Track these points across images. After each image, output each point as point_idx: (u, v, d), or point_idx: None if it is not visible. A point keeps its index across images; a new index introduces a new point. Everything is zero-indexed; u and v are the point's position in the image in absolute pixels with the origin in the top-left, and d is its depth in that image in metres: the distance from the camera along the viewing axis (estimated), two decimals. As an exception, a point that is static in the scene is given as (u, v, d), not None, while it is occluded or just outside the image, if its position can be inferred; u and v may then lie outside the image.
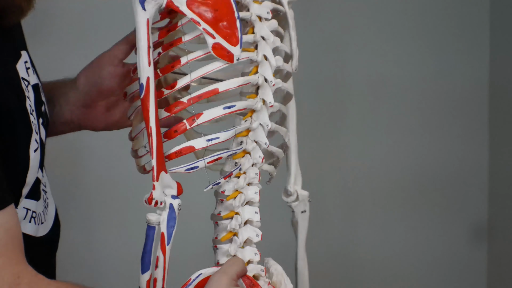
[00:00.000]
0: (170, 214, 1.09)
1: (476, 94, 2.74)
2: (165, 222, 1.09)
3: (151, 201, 1.08)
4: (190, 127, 1.08)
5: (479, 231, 2.73)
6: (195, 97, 1.08)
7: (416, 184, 2.73)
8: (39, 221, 1.23)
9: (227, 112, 1.10)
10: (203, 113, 1.08)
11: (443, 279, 2.75)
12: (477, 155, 2.74)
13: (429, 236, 2.74)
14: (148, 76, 1.02)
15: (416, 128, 2.73)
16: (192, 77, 1.07)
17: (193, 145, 1.09)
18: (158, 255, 1.10)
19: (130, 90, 1.14)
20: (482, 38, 2.73)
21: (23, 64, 1.20)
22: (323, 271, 2.71)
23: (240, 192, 1.14)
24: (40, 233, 1.24)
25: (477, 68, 2.74)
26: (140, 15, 1.02)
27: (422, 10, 2.71)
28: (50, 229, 1.27)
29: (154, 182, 1.08)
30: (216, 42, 1.06)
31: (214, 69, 1.08)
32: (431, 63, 2.72)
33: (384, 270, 2.76)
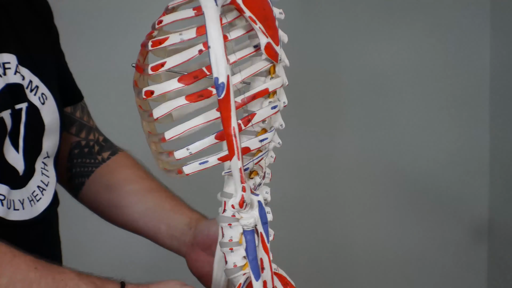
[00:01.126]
0: (261, 212, 1.07)
1: (476, 93, 2.74)
2: (259, 221, 1.07)
3: (243, 204, 1.05)
4: (245, 127, 1.05)
5: (479, 231, 2.73)
6: (249, 97, 1.05)
7: (416, 184, 2.73)
8: (10, 205, 1.30)
9: (274, 112, 1.08)
10: (256, 113, 1.06)
11: (443, 279, 2.75)
12: (477, 155, 2.74)
13: (429, 236, 2.74)
14: (228, 74, 1.00)
15: (416, 127, 2.72)
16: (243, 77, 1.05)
17: (249, 146, 1.07)
18: (262, 256, 1.07)
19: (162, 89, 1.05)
20: (482, 37, 2.72)
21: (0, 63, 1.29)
22: (321, 270, 2.70)
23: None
24: (12, 218, 1.30)
25: (477, 67, 2.73)
26: (213, 11, 0.99)
27: (422, 6, 2.71)
28: (31, 219, 1.34)
29: (244, 184, 1.05)
30: (268, 42, 1.04)
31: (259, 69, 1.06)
32: (431, 61, 2.72)
33: (384, 270, 2.75)
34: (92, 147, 1.54)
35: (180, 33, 1.03)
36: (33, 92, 1.35)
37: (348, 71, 2.68)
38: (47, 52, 1.43)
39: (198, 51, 1.03)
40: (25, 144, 1.33)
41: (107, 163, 1.53)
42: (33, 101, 1.35)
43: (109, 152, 1.54)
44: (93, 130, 1.55)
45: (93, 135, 1.54)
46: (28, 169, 1.35)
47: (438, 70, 2.73)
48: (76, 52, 2.31)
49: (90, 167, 1.53)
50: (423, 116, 2.73)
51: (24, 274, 1.11)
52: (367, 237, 2.70)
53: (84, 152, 1.53)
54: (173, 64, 1.02)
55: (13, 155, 1.32)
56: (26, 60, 1.34)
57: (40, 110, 1.36)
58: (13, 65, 1.31)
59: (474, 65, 2.73)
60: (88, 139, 1.54)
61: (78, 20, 2.42)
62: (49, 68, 1.42)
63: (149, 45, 1.03)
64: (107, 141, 1.56)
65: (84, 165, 1.53)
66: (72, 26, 2.32)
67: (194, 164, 1.05)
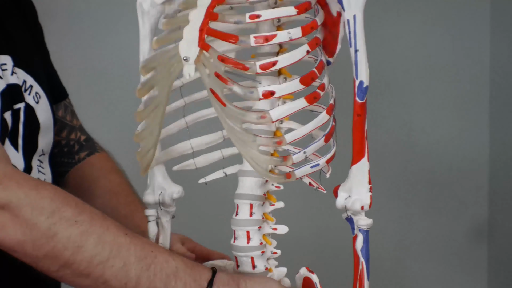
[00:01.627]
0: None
1: (476, 93, 2.75)
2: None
3: (371, 205, 1.06)
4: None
5: (479, 231, 2.74)
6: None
7: (416, 183, 2.73)
8: None
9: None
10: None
11: (443, 278, 2.76)
12: (477, 154, 2.75)
13: (429, 235, 2.74)
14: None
15: (415, 127, 2.72)
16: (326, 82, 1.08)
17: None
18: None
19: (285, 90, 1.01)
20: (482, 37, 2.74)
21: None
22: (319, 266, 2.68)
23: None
24: None
25: (477, 66, 2.74)
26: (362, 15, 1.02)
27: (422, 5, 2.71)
28: None
29: (371, 185, 1.06)
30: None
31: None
32: (431, 61, 2.72)
33: (384, 270, 2.75)
34: (72, 146, 1.54)
35: (289, 32, 1.00)
36: (27, 91, 1.36)
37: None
38: (35, 51, 1.44)
39: (306, 51, 1.02)
40: (24, 144, 1.34)
41: (81, 163, 1.53)
42: (28, 101, 1.36)
43: (86, 152, 1.54)
44: (76, 129, 1.55)
45: (75, 135, 1.54)
46: (27, 169, 1.35)
47: (438, 70, 2.73)
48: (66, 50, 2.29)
49: (66, 166, 1.53)
50: (422, 116, 2.73)
51: (113, 236, 1.06)
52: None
53: (63, 151, 1.53)
54: (284, 64, 1.00)
55: (13, 154, 1.31)
56: (19, 60, 1.35)
57: (35, 109, 1.37)
58: (9, 66, 1.32)
59: (474, 65, 2.74)
60: (69, 139, 1.54)
61: (69, 19, 2.38)
62: (39, 67, 1.43)
63: (253, 41, 0.99)
64: (88, 141, 1.56)
65: (61, 164, 1.52)
66: (62, 25, 2.29)
67: (306, 168, 1.05)
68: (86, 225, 1.05)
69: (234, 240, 1.11)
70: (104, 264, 1.05)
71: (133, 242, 1.07)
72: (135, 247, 1.07)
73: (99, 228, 1.06)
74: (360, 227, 1.07)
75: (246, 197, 1.10)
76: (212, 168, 1.18)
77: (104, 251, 1.05)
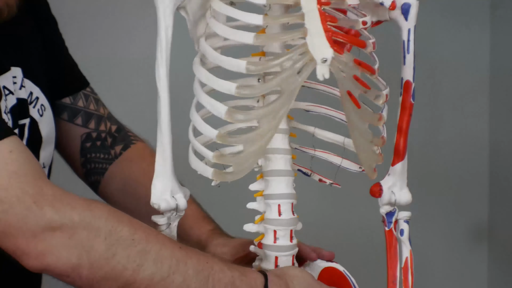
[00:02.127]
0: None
1: (476, 93, 2.74)
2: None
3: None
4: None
5: (479, 231, 2.74)
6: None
7: (416, 184, 2.71)
8: None
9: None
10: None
11: (443, 279, 2.75)
12: (477, 155, 2.75)
13: (429, 236, 2.74)
14: None
15: (415, 127, 2.71)
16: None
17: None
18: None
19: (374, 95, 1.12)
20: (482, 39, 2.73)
21: (10, 77, 1.25)
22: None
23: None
24: None
25: (477, 65, 2.74)
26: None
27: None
28: None
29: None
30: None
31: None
32: (431, 59, 2.72)
33: (384, 270, 2.74)
34: (105, 139, 1.48)
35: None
36: (32, 104, 1.32)
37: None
38: (39, 50, 1.39)
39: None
40: None
41: (119, 159, 1.47)
42: (32, 115, 1.32)
43: (121, 145, 1.49)
44: (104, 119, 1.49)
45: (104, 125, 1.49)
46: None
47: (438, 69, 2.72)
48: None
49: (103, 163, 1.47)
50: (422, 116, 2.72)
51: (170, 252, 1.04)
52: (367, 236, 2.68)
53: (97, 145, 1.48)
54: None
55: None
56: (27, 68, 1.31)
57: (38, 123, 1.33)
58: (19, 79, 1.28)
59: (474, 65, 2.74)
60: (99, 130, 1.48)
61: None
62: (43, 72, 1.38)
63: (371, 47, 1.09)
64: (120, 131, 1.51)
65: (97, 160, 1.47)
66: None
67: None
68: (143, 243, 1.03)
69: (275, 241, 1.12)
70: (165, 281, 1.03)
71: (188, 255, 1.05)
72: (191, 260, 1.05)
73: (156, 245, 1.04)
74: (405, 218, 1.18)
75: (288, 197, 1.12)
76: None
77: (163, 267, 1.03)
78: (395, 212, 1.19)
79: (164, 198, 1.08)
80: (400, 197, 1.18)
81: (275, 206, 1.11)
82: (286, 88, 1.01)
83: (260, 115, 1.05)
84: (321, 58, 0.99)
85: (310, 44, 0.99)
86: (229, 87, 1.03)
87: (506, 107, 2.68)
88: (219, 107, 1.03)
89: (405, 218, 1.19)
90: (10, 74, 1.26)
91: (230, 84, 1.03)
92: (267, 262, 1.13)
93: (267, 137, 1.04)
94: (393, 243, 1.19)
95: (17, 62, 1.29)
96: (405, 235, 1.18)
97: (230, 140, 1.05)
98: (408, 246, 1.19)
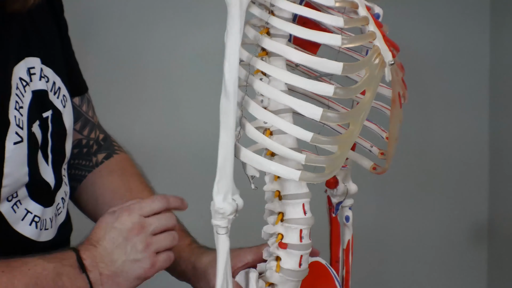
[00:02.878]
0: None
1: (476, 92, 2.75)
2: None
3: None
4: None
5: (479, 231, 2.74)
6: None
7: (416, 183, 2.72)
8: (42, 226, 1.27)
9: None
10: None
11: (443, 279, 2.75)
12: (477, 154, 2.75)
13: (429, 235, 2.74)
14: None
15: (414, 127, 2.72)
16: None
17: None
18: None
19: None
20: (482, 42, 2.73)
21: (25, 68, 1.24)
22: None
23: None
24: (43, 238, 1.27)
25: (477, 65, 2.74)
26: None
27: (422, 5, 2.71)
28: (54, 236, 1.31)
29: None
30: None
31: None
32: (431, 59, 2.72)
33: (384, 270, 2.75)
34: (91, 146, 1.48)
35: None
36: (56, 95, 1.32)
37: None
38: (58, 45, 1.39)
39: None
40: (53, 154, 1.30)
41: (99, 168, 1.47)
42: (56, 105, 1.31)
43: (104, 154, 1.49)
44: (95, 127, 1.49)
45: (94, 133, 1.49)
46: (57, 181, 1.31)
47: (437, 69, 2.73)
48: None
49: (83, 170, 1.47)
50: (422, 116, 2.72)
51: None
52: (366, 236, 2.69)
53: (82, 152, 1.48)
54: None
55: (45, 169, 1.28)
56: (48, 59, 1.30)
57: (62, 114, 1.33)
58: (37, 69, 1.27)
59: (474, 64, 2.74)
60: (89, 138, 1.48)
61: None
62: (63, 64, 1.37)
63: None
64: (106, 140, 1.51)
65: (78, 167, 1.47)
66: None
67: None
68: None
69: (301, 240, 1.11)
70: None
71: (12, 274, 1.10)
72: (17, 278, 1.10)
73: None
74: (350, 206, 1.30)
75: (309, 195, 1.13)
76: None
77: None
78: (343, 201, 1.30)
79: (227, 201, 1.05)
80: (350, 187, 1.29)
81: (300, 206, 1.11)
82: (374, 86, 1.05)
83: (351, 115, 1.06)
84: (389, 61, 1.05)
85: (382, 49, 1.05)
86: (328, 89, 1.03)
87: (506, 106, 2.68)
88: (313, 109, 1.03)
89: (350, 205, 1.31)
90: (26, 64, 1.25)
91: (329, 87, 1.03)
92: (290, 262, 1.12)
93: (355, 137, 1.07)
94: (337, 228, 1.31)
95: (37, 52, 1.28)
96: (350, 221, 1.31)
97: (324, 141, 1.04)
98: (351, 231, 1.31)
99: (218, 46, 2.27)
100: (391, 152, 1.22)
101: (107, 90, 2.35)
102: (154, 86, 2.41)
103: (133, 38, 2.39)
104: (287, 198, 1.11)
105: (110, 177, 1.46)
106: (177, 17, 2.40)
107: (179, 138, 2.44)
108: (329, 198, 1.30)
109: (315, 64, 1.03)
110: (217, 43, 2.36)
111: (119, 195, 1.43)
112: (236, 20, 0.99)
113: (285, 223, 1.11)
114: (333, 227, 1.31)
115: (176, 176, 2.42)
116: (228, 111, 1.02)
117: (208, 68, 2.23)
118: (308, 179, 1.05)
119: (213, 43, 2.38)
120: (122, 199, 1.41)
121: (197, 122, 2.41)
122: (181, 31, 2.41)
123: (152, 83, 2.42)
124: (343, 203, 1.30)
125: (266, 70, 1.05)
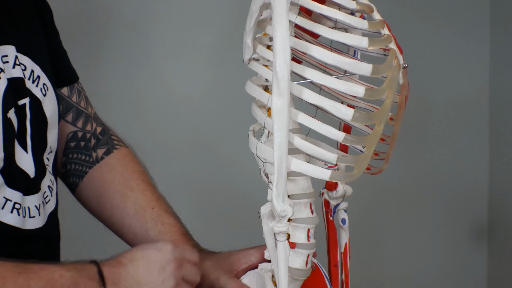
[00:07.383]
0: None
1: (476, 94, 2.74)
2: None
3: None
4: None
5: (479, 231, 2.73)
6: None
7: (416, 184, 2.72)
8: (25, 214, 1.25)
9: None
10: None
11: (443, 279, 2.75)
12: (477, 155, 2.75)
13: (429, 236, 2.74)
14: None
15: (414, 127, 2.71)
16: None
17: None
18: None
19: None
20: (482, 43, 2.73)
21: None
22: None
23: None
24: (29, 226, 1.26)
25: (478, 70, 2.73)
26: None
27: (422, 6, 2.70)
28: (44, 224, 1.30)
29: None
30: None
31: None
32: (430, 59, 2.72)
33: (384, 270, 2.74)
34: (89, 140, 1.46)
35: None
36: (35, 83, 1.30)
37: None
38: (39, 34, 1.36)
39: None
40: (33, 142, 1.28)
41: (100, 164, 1.46)
42: (35, 93, 1.30)
43: (104, 149, 1.47)
44: (91, 119, 1.47)
45: (91, 125, 1.47)
46: (38, 170, 1.29)
47: (436, 71, 2.72)
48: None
49: (84, 166, 1.46)
50: (422, 117, 2.72)
51: (12, 282, 1.07)
52: (366, 236, 2.69)
53: (80, 146, 1.46)
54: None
55: (22, 156, 1.26)
56: (25, 47, 1.28)
57: (42, 102, 1.31)
58: (11, 57, 1.25)
59: (474, 66, 2.74)
60: (85, 130, 1.46)
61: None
62: (45, 53, 1.35)
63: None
64: (104, 133, 1.48)
65: (78, 162, 1.45)
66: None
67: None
68: None
69: (309, 239, 1.13)
70: None
71: (29, 277, 1.09)
72: (33, 281, 1.09)
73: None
74: (345, 208, 1.30)
75: (315, 196, 1.15)
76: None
77: None
78: (340, 204, 1.30)
79: (287, 203, 1.06)
80: (347, 190, 1.29)
81: (308, 206, 1.12)
82: (393, 87, 1.09)
83: (377, 116, 1.09)
84: (402, 63, 1.09)
85: (397, 53, 1.08)
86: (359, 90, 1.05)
87: (506, 106, 2.68)
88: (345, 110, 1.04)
89: (345, 208, 1.30)
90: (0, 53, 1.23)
91: (359, 87, 1.05)
92: (298, 261, 1.13)
93: (379, 137, 1.09)
94: (334, 231, 1.31)
95: (12, 40, 1.26)
96: (346, 224, 1.31)
97: (354, 140, 1.06)
98: (347, 233, 1.31)
99: (218, 45, 2.29)
100: (390, 152, 1.23)
101: (107, 89, 2.35)
102: (154, 86, 2.41)
103: (133, 38, 2.39)
104: (296, 198, 1.11)
105: (111, 174, 1.45)
106: (177, 17, 2.40)
107: (179, 135, 2.44)
108: (326, 202, 1.30)
109: (346, 65, 1.04)
110: (217, 42, 2.38)
111: (121, 195, 1.42)
112: (283, 16, 0.97)
113: (293, 222, 1.11)
114: (330, 231, 1.31)
115: (175, 172, 2.42)
116: (282, 110, 1.00)
117: (208, 66, 2.23)
118: (338, 179, 1.07)
119: (213, 41, 2.39)
120: (123, 198, 1.41)
121: (197, 120, 2.41)
122: (181, 30, 2.40)
123: (152, 81, 2.42)
124: (344, 204, 1.30)
125: (295, 69, 1.06)
